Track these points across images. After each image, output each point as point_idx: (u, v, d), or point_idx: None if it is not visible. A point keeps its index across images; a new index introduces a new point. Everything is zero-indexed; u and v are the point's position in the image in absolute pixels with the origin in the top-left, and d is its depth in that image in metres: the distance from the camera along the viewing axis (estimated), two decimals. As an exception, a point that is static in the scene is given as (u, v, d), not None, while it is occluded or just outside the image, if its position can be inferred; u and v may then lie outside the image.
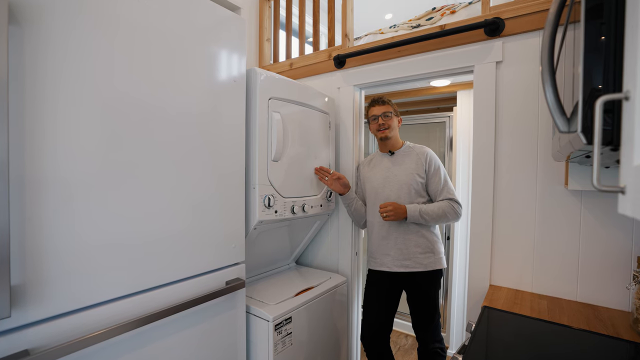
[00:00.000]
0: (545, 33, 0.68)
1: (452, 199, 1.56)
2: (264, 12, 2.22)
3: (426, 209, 1.54)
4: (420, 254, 1.59)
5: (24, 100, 0.77)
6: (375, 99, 1.70)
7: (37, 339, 0.79)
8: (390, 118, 1.66)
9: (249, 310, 1.40)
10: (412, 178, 1.60)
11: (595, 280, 1.27)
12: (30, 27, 0.77)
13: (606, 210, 1.24)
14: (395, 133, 1.69)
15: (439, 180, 1.59)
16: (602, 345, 0.97)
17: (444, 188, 1.58)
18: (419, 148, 1.68)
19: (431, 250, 1.60)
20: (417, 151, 1.66)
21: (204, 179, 1.17)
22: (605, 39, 0.50)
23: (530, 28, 1.37)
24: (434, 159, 1.63)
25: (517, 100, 1.42)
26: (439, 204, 1.55)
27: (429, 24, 1.76)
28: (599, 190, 0.43)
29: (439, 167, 1.61)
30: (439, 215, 1.53)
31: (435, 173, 1.60)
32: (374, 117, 1.69)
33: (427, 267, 1.58)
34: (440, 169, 1.61)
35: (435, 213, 1.53)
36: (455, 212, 1.54)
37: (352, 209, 1.77)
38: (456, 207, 1.55)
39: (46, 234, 0.80)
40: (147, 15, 1.00)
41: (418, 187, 1.60)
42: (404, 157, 1.67)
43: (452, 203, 1.55)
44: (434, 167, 1.60)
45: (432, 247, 1.60)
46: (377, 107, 1.68)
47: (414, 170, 1.61)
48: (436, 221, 1.54)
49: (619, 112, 0.44)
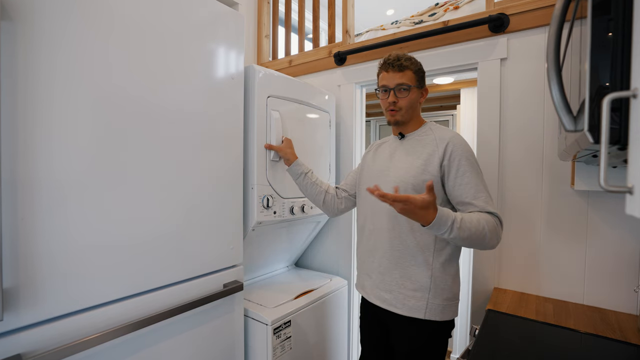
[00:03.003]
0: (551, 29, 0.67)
1: (493, 214, 1.02)
2: (263, 8, 2.20)
3: (463, 218, 0.97)
4: (407, 289, 1.10)
5: (16, 98, 0.76)
6: (390, 60, 1.14)
7: (31, 343, 0.78)
8: (408, 93, 1.13)
9: (247, 314, 1.39)
10: (414, 174, 1.10)
11: (602, 283, 1.25)
12: (23, 23, 0.76)
13: (613, 211, 1.22)
14: (412, 114, 1.18)
15: (468, 183, 1.04)
16: (610, 350, 0.96)
17: (477, 194, 1.03)
18: (442, 131, 1.14)
19: (426, 288, 1.09)
20: (436, 135, 1.13)
21: (200, 179, 1.15)
22: (612, 35, 0.49)
23: (536, 24, 1.34)
24: (461, 149, 1.07)
25: (522, 98, 1.39)
26: (479, 217, 0.99)
27: (431, 20, 1.74)
28: (606, 190, 0.42)
29: (467, 162, 1.06)
30: (477, 233, 0.97)
31: (459, 170, 1.06)
32: (384, 89, 1.16)
33: (411, 311, 1.09)
34: (470, 166, 1.06)
35: (475, 228, 0.97)
36: (497, 235, 1.00)
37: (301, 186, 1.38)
38: (499, 228, 1.02)
39: (40, 235, 0.80)
40: (142, 10, 0.99)
41: (421, 189, 1.07)
42: (416, 143, 1.16)
43: (496, 221, 1.01)
44: (457, 162, 1.06)
45: (429, 284, 1.09)
46: (390, 73, 1.14)
47: (423, 163, 1.10)
48: (469, 242, 0.99)
49: (627, 110, 0.44)
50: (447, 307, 1.10)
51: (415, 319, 1.10)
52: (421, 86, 1.17)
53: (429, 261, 1.09)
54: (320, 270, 2.00)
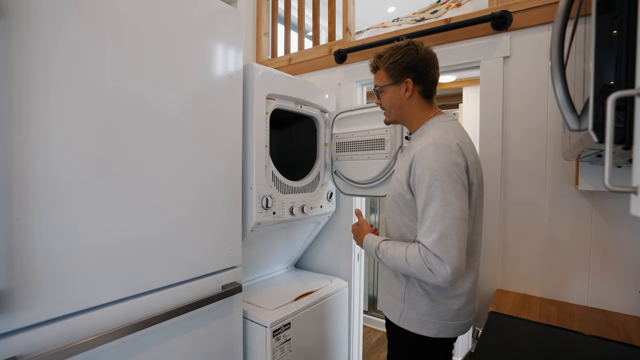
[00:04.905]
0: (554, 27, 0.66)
1: (424, 246, 0.88)
2: (262, 5, 2.19)
3: (386, 249, 0.99)
4: (388, 293, 1.10)
5: (11, 96, 0.75)
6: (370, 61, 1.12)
7: (26, 346, 0.78)
8: (384, 94, 1.08)
9: (246, 316, 1.38)
10: (395, 186, 1.05)
11: (606, 285, 1.23)
12: (19, 20, 0.76)
13: (618, 211, 1.21)
14: (400, 112, 1.08)
15: (419, 205, 0.94)
16: (614, 352, 0.95)
17: (422, 221, 0.92)
18: (428, 135, 0.99)
19: (400, 298, 1.05)
20: (420, 141, 0.99)
21: (198, 178, 1.15)
22: (617, 33, 0.48)
23: (539, 22, 1.33)
24: (422, 163, 0.93)
25: (525, 97, 1.38)
26: (402, 250, 0.94)
27: (433, 17, 1.73)
28: (611, 190, 0.42)
29: (423, 180, 0.92)
30: (399, 267, 0.94)
31: (417, 190, 0.94)
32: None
33: (389, 314, 1.09)
34: (424, 184, 0.91)
35: (396, 262, 0.95)
36: (423, 269, 0.88)
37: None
38: (428, 261, 0.87)
39: (35, 236, 0.79)
40: (139, 8, 0.98)
41: (400, 203, 1.02)
42: (410, 148, 1.06)
43: (422, 252, 0.89)
44: (417, 179, 0.94)
45: (403, 294, 1.04)
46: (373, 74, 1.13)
47: (400, 174, 1.03)
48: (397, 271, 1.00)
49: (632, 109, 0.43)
50: (426, 322, 1.00)
51: (393, 324, 1.08)
52: (398, 81, 1.04)
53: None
54: (321, 271, 1.99)
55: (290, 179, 1.56)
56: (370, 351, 2.49)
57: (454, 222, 0.87)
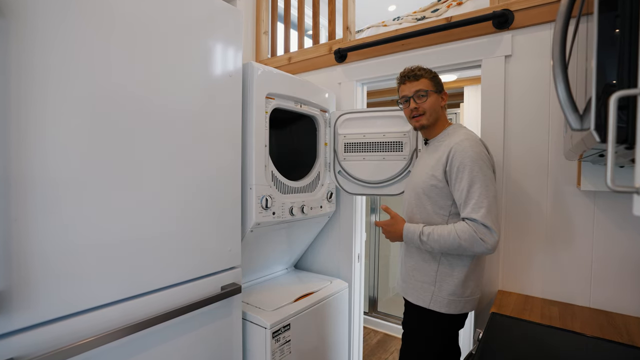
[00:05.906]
0: (556, 26, 0.67)
1: (474, 220, 1.06)
2: (261, 4, 2.19)
3: (432, 232, 1.12)
4: (416, 280, 1.23)
5: (9, 96, 0.75)
6: (405, 73, 1.26)
7: (24, 347, 0.78)
8: (426, 98, 1.22)
9: (246, 317, 1.38)
10: (424, 179, 1.21)
11: (609, 286, 1.23)
12: (17, 19, 0.76)
13: (621, 212, 1.20)
14: (436, 117, 1.25)
15: (462, 188, 1.10)
16: (617, 354, 0.95)
17: (468, 200, 1.08)
18: (455, 136, 1.19)
19: (432, 282, 1.19)
20: (449, 140, 1.19)
21: (197, 178, 1.14)
22: (619, 32, 0.49)
23: (541, 20, 1.32)
24: (461, 155, 1.11)
25: (527, 96, 1.37)
26: (451, 228, 1.09)
27: (434, 16, 1.72)
28: (613, 190, 0.42)
29: (465, 167, 1.10)
30: (448, 243, 1.09)
31: (457, 176, 1.11)
32: (405, 99, 1.26)
33: (418, 300, 1.22)
34: (466, 170, 1.09)
35: (444, 240, 1.09)
36: (475, 240, 1.05)
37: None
38: (479, 232, 1.05)
39: (33, 236, 0.79)
40: (138, 7, 0.97)
41: (432, 193, 1.18)
42: (434, 149, 1.24)
43: (472, 226, 1.06)
44: (456, 168, 1.11)
45: (434, 278, 1.19)
46: (407, 84, 1.25)
47: (431, 168, 1.20)
48: (447, 250, 1.12)
49: (634, 108, 0.44)
50: (454, 302, 1.16)
51: (421, 307, 1.21)
52: (439, 91, 1.25)
53: (437, 256, 1.19)
54: (321, 272, 1.99)
55: (290, 179, 1.55)
56: (370, 352, 2.48)
57: (494, 201, 1.09)
